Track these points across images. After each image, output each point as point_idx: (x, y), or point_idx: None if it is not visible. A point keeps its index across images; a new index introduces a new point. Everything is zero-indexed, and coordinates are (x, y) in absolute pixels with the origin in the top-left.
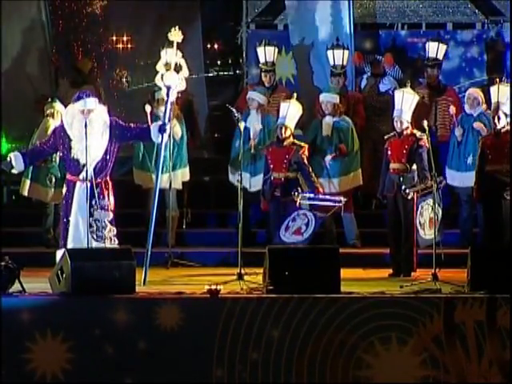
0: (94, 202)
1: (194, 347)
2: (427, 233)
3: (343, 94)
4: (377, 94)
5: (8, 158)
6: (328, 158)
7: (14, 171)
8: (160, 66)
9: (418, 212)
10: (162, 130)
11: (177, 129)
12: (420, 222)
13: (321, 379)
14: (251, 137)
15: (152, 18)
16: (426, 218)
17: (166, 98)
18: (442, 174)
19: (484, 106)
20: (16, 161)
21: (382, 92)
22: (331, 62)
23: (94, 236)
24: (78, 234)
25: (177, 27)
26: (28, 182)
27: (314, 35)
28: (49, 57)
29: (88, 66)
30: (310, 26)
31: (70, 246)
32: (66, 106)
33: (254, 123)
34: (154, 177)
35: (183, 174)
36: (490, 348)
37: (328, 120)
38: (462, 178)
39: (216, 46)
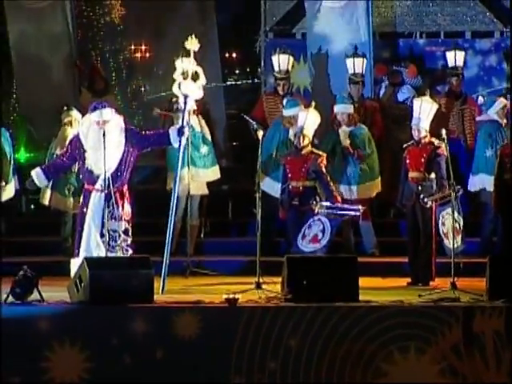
0: (107, 212)
1: (212, 356)
2: (450, 242)
3: (360, 103)
4: (395, 102)
5: (31, 177)
6: (348, 168)
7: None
8: (177, 75)
9: (440, 222)
10: (180, 133)
11: (207, 135)
12: (443, 232)
13: (342, 380)
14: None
15: (170, 28)
16: (449, 227)
17: (183, 106)
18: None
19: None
20: (38, 178)
21: (401, 101)
22: (350, 71)
23: (106, 246)
24: (89, 243)
25: (193, 36)
26: (49, 191)
27: (332, 44)
28: (73, 66)
29: (102, 76)
30: (328, 35)
31: (81, 254)
32: (83, 114)
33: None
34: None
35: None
36: (508, 358)
37: (345, 130)
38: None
39: (234, 55)
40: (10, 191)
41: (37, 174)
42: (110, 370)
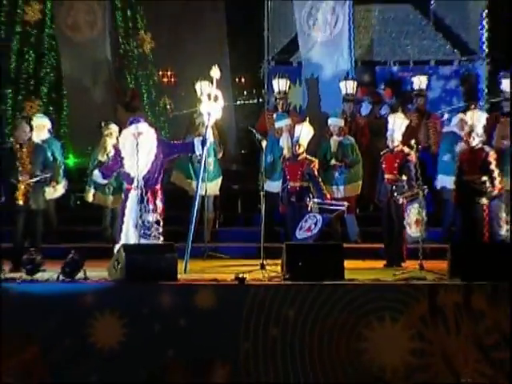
0: (142, 207)
1: (225, 324)
2: (413, 231)
3: (353, 118)
4: (376, 118)
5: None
6: (335, 173)
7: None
8: (203, 97)
9: (406, 214)
10: (203, 143)
11: (219, 151)
12: (407, 222)
13: (329, 350)
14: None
15: (190, 58)
16: (412, 219)
17: (206, 122)
18: (434, 180)
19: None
20: (97, 177)
21: (380, 117)
22: (343, 91)
23: (141, 234)
24: (127, 232)
25: (216, 65)
26: (92, 190)
27: (322, 71)
28: (112, 88)
29: (138, 97)
30: (318, 63)
31: (121, 241)
32: (121, 128)
33: (286, 144)
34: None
35: (216, 183)
36: (466, 326)
37: (335, 139)
38: (448, 181)
39: (242, 80)
40: (60, 190)
41: (99, 177)
42: (143, 335)
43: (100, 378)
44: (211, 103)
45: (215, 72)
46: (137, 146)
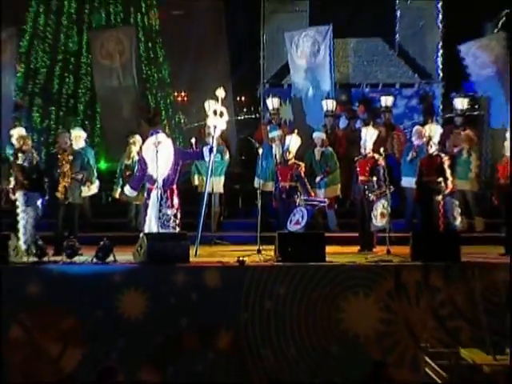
0: (162, 203)
1: (228, 299)
2: (378, 222)
3: (333, 131)
4: (352, 130)
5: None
6: (318, 179)
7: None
8: (211, 112)
9: (374, 208)
10: (210, 151)
11: (226, 154)
12: (374, 215)
13: (313, 319)
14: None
15: (200, 80)
16: (379, 212)
17: (212, 133)
18: (399, 180)
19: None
20: (130, 192)
21: (355, 129)
22: (325, 108)
23: (161, 225)
24: (150, 223)
25: (222, 87)
26: (119, 189)
27: (307, 91)
28: (136, 106)
29: (158, 113)
30: (304, 86)
31: (145, 230)
32: (143, 138)
33: (274, 149)
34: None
35: (221, 181)
36: (425, 299)
37: (318, 149)
38: (408, 182)
39: (243, 99)
40: (94, 189)
41: (129, 191)
42: (162, 307)
43: (126, 342)
44: (217, 118)
45: (220, 92)
46: (157, 153)
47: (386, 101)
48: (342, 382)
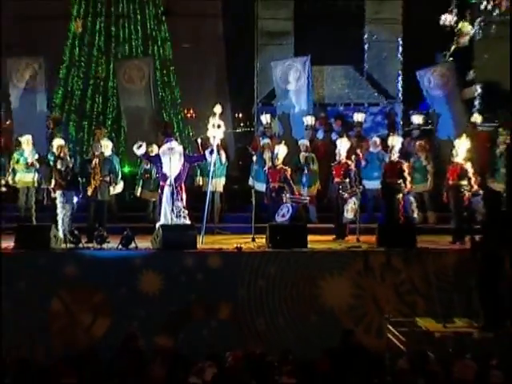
0: (174, 197)
1: (229, 278)
2: (349, 215)
3: (313, 141)
4: (328, 141)
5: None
6: (303, 177)
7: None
8: (210, 125)
9: (346, 204)
10: (211, 152)
11: (223, 157)
12: (346, 209)
13: (297, 295)
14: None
15: (205, 100)
16: (349, 207)
17: (212, 141)
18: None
19: (380, 147)
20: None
21: (333, 141)
22: (305, 123)
23: (174, 216)
24: (166, 214)
25: (218, 104)
26: (139, 189)
27: (291, 109)
28: (153, 121)
29: (170, 126)
30: (289, 104)
31: (161, 221)
32: (159, 146)
33: (265, 156)
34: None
35: (221, 181)
36: (388, 278)
37: (303, 154)
38: (371, 185)
39: (240, 115)
40: (119, 188)
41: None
42: (174, 285)
43: (145, 314)
44: (215, 129)
45: (218, 108)
46: (170, 157)
47: (358, 117)
48: (320, 346)
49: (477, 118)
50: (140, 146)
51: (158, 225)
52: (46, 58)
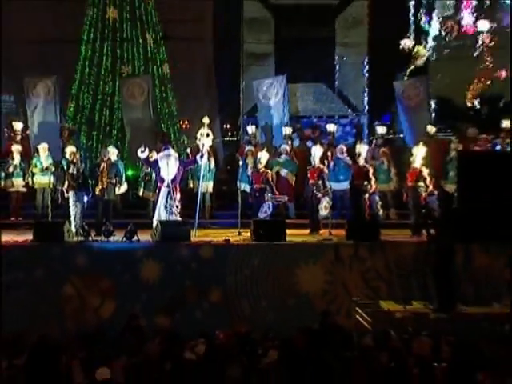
0: (169, 197)
1: (218, 266)
2: (323, 212)
3: (291, 148)
4: (305, 149)
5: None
6: (283, 173)
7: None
8: (200, 134)
9: (320, 203)
10: (201, 157)
11: (212, 163)
12: (320, 207)
13: (278, 282)
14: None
15: (197, 112)
16: (323, 205)
17: (201, 148)
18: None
19: (345, 153)
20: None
21: (307, 147)
22: (284, 133)
23: (168, 213)
24: (160, 212)
25: (206, 116)
26: (142, 189)
27: (271, 121)
28: (152, 131)
29: (167, 135)
30: (269, 116)
31: (155, 217)
32: (157, 152)
33: (249, 161)
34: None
35: (211, 184)
36: (355, 266)
37: (284, 157)
38: (338, 186)
39: (228, 126)
40: (123, 189)
41: (142, 153)
42: (172, 272)
43: (146, 297)
44: (204, 138)
45: (206, 119)
46: (167, 162)
47: (330, 127)
48: (296, 325)
49: (431, 128)
50: (143, 150)
51: (154, 220)
52: (59, 77)
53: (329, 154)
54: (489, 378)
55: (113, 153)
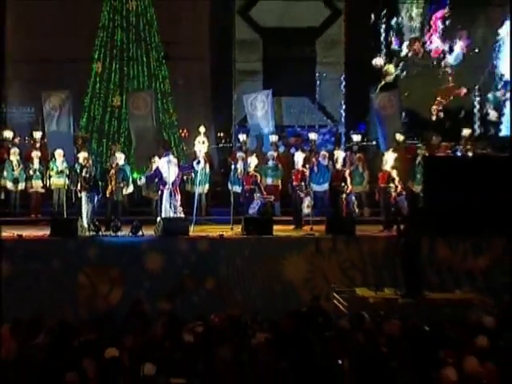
0: (171, 197)
1: (213, 258)
2: (306, 210)
3: (278, 154)
4: (289, 155)
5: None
6: (269, 181)
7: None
8: (197, 142)
9: (303, 202)
10: (198, 163)
11: (207, 168)
12: (303, 206)
13: (265, 271)
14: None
15: (194, 122)
16: (305, 204)
17: (198, 154)
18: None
19: (327, 159)
20: (143, 184)
21: (292, 154)
22: (270, 140)
23: (172, 212)
24: (165, 210)
25: (202, 126)
26: (145, 190)
27: (260, 130)
28: (155, 139)
29: (168, 143)
30: (257, 126)
31: (162, 215)
32: (160, 157)
33: (240, 165)
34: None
35: (206, 186)
36: (334, 257)
37: (271, 162)
38: (319, 187)
39: (222, 134)
40: (130, 190)
41: (144, 182)
42: (173, 263)
43: (150, 285)
44: (200, 145)
45: (202, 128)
46: (168, 167)
47: (312, 136)
48: (282, 309)
49: (399, 136)
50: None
51: (159, 218)
52: (73, 91)
53: (313, 159)
54: (450, 356)
55: (120, 158)
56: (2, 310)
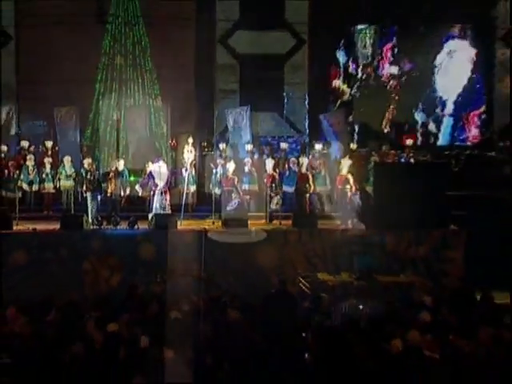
0: (161, 198)
1: (198, 248)
2: (274, 207)
3: (252, 160)
4: (262, 161)
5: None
6: (246, 186)
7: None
8: (185, 151)
9: (272, 200)
10: (186, 170)
11: (193, 172)
12: (273, 203)
13: (242, 260)
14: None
15: (182, 134)
16: (274, 202)
17: (186, 161)
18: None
19: (296, 165)
20: (138, 189)
21: (263, 160)
22: (246, 149)
23: (162, 209)
24: (155, 209)
25: (190, 136)
26: (141, 191)
27: (240, 139)
28: (149, 148)
29: (159, 151)
30: (237, 136)
31: (153, 212)
32: (152, 163)
33: (220, 170)
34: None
35: (192, 187)
36: (299, 248)
37: (248, 167)
38: (289, 189)
39: (205, 143)
40: (127, 190)
41: (138, 187)
42: (162, 252)
43: (144, 271)
44: (188, 153)
45: (190, 139)
46: (159, 171)
47: (282, 145)
48: (256, 292)
49: (353, 145)
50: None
51: (151, 214)
52: (79, 107)
53: (286, 165)
54: (397, 328)
55: (120, 164)
56: (2, 295)
